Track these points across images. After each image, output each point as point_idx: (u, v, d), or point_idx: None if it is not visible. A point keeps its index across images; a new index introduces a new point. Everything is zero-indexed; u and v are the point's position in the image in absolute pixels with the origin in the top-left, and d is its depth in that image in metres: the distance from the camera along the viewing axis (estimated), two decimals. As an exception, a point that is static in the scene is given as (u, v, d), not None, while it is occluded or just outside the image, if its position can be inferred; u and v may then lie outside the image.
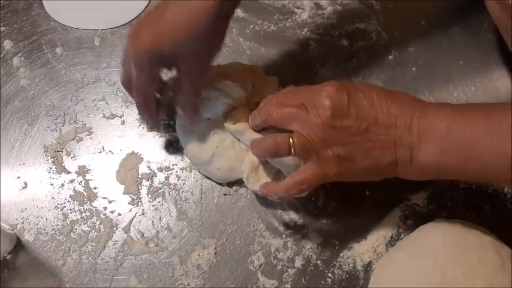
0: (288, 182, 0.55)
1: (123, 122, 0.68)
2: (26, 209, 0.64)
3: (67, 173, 0.66)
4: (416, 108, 0.52)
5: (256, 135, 0.58)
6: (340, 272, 0.59)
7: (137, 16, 0.75)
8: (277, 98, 0.58)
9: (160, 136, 0.67)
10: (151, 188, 0.64)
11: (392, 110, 0.52)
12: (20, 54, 0.73)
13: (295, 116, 0.53)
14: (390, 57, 0.70)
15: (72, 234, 0.62)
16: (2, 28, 0.75)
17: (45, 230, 0.63)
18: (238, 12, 0.74)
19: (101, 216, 0.63)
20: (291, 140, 0.53)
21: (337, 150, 0.52)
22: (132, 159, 0.66)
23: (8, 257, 0.61)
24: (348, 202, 0.62)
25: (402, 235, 0.60)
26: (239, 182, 0.63)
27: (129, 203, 0.64)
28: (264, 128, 0.58)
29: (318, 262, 0.59)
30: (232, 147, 0.61)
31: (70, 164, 0.66)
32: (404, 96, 0.54)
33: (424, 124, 0.51)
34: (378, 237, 0.60)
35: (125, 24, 0.74)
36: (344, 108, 0.52)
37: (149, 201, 0.64)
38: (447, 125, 0.51)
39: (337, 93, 0.52)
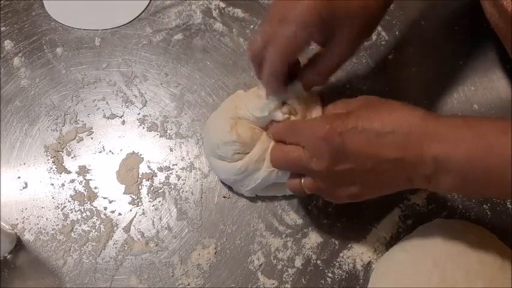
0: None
1: (123, 122, 0.68)
2: (26, 208, 0.64)
3: (67, 173, 0.66)
4: (425, 131, 0.46)
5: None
6: (340, 271, 0.59)
7: (137, 16, 0.75)
8: (277, 143, 0.56)
9: (160, 136, 0.67)
10: (152, 188, 0.64)
11: (397, 143, 0.47)
12: (20, 54, 0.73)
13: (299, 165, 0.52)
14: (390, 57, 0.70)
15: (72, 234, 0.62)
16: (2, 28, 0.75)
17: (45, 229, 0.63)
18: (238, 12, 0.74)
19: (101, 216, 0.63)
20: (302, 182, 0.54)
21: (348, 190, 0.51)
22: (133, 159, 0.66)
23: (9, 256, 0.62)
24: (348, 202, 0.62)
25: (402, 235, 0.60)
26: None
27: (130, 203, 0.64)
28: None
29: (318, 262, 0.59)
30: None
31: (70, 164, 0.66)
32: (408, 117, 0.47)
33: (439, 151, 0.45)
34: (377, 237, 0.60)
35: (125, 24, 0.74)
36: (341, 152, 0.48)
37: (149, 201, 0.64)
38: (468, 153, 0.44)
39: (331, 137, 0.48)
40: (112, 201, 0.64)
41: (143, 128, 0.68)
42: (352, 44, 0.54)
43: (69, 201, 0.64)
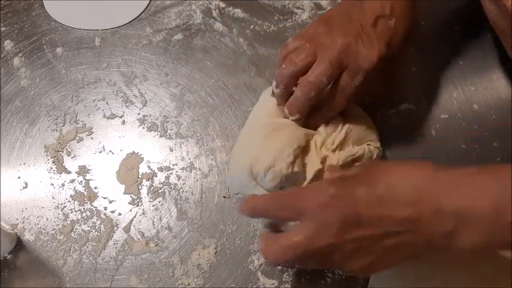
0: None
1: (123, 122, 0.68)
2: (26, 208, 0.64)
3: (67, 173, 0.66)
4: (441, 182, 0.43)
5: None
6: (340, 272, 0.59)
7: (137, 16, 0.75)
8: (264, 235, 0.50)
9: (160, 136, 0.67)
10: (152, 188, 0.64)
11: (410, 199, 0.43)
12: (20, 54, 0.73)
13: (303, 252, 0.45)
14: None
15: (72, 234, 0.62)
16: (2, 28, 0.75)
17: (45, 229, 0.63)
18: (238, 12, 0.74)
19: (102, 216, 0.63)
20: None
21: (361, 261, 0.45)
22: (133, 159, 0.66)
23: (9, 256, 0.62)
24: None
25: (402, 235, 0.60)
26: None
27: (130, 203, 0.64)
28: None
29: (318, 262, 0.59)
30: None
31: (70, 164, 0.66)
32: (419, 169, 0.44)
33: (460, 203, 0.42)
34: (377, 237, 0.60)
35: (125, 24, 0.74)
36: (351, 216, 0.44)
37: (149, 201, 0.64)
38: (494, 202, 0.41)
39: (339, 201, 0.44)
40: (112, 201, 0.64)
41: (143, 128, 0.68)
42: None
43: (69, 201, 0.64)
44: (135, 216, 0.63)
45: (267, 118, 0.57)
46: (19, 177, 0.66)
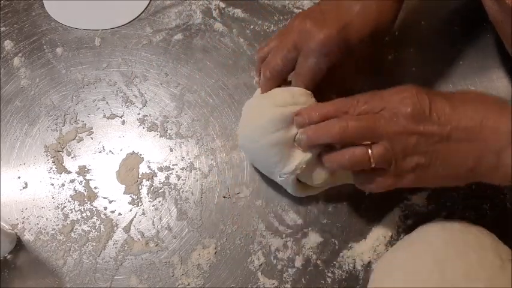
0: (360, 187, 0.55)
1: (123, 122, 0.68)
2: (26, 208, 0.64)
3: (67, 173, 0.66)
4: (502, 107, 0.48)
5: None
6: (340, 271, 0.59)
7: (137, 16, 0.75)
8: (346, 107, 0.52)
9: (160, 136, 0.67)
10: (152, 188, 0.64)
11: (477, 112, 0.48)
12: (20, 54, 0.73)
13: (375, 128, 0.49)
14: (390, 57, 0.70)
15: (72, 234, 0.62)
16: (2, 28, 0.75)
17: (45, 229, 0.63)
18: (238, 12, 0.74)
19: (101, 216, 0.63)
20: (369, 152, 0.50)
21: (418, 159, 0.49)
22: (133, 159, 0.66)
23: (9, 256, 0.62)
24: (348, 202, 0.62)
25: (402, 235, 0.60)
26: (240, 185, 0.64)
27: (130, 203, 0.64)
28: None
29: (318, 262, 0.59)
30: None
31: (70, 164, 0.66)
32: (485, 96, 0.51)
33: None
34: (377, 237, 0.60)
35: (125, 24, 0.74)
36: (426, 112, 0.48)
37: (149, 201, 0.64)
38: None
39: (417, 97, 0.49)
40: (112, 201, 0.64)
41: (143, 128, 0.68)
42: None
43: (69, 201, 0.64)
44: (135, 216, 0.63)
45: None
46: (19, 177, 0.66)
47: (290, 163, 0.56)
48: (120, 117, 0.69)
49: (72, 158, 0.67)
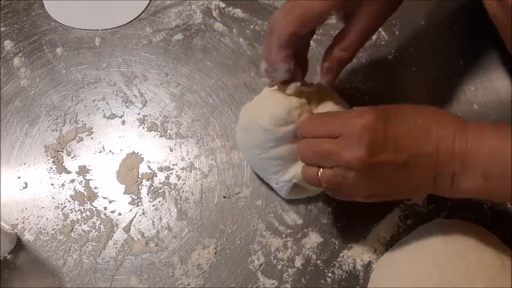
0: None
1: (123, 122, 0.68)
2: (26, 208, 0.64)
3: (67, 173, 0.66)
4: (457, 129, 0.48)
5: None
6: (340, 271, 0.59)
7: (137, 16, 0.75)
8: (310, 130, 0.53)
9: (160, 136, 0.67)
10: (152, 188, 0.64)
11: (433, 135, 0.48)
12: (20, 54, 0.73)
13: (329, 156, 0.49)
14: (390, 57, 0.70)
15: (72, 234, 0.62)
16: (2, 28, 0.75)
17: (45, 229, 0.63)
18: (238, 12, 0.74)
19: (101, 216, 0.63)
20: (319, 174, 0.51)
21: (372, 190, 0.50)
22: (133, 159, 0.66)
23: (9, 256, 0.62)
24: (348, 202, 0.62)
25: (402, 235, 0.60)
26: (240, 185, 0.64)
27: (130, 203, 0.64)
28: None
29: (318, 262, 0.59)
30: None
31: (70, 164, 0.66)
32: (443, 115, 0.50)
33: (467, 149, 0.47)
34: (377, 237, 0.60)
35: (125, 24, 0.74)
36: (381, 140, 0.47)
37: (149, 201, 0.64)
38: (491, 151, 0.46)
39: (375, 125, 0.47)
40: (112, 201, 0.64)
41: (143, 128, 0.68)
42: (382, 15, 0.55)
43: (69, 201, 0.64)
44: (135, 216, 0.63)
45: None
46: (19, 177, 0.66)
47: (288, 173, 0.57)
48: (120, 117, 0.69)
49: (72, 158, 0.67)
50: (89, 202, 0.64)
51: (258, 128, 0.56)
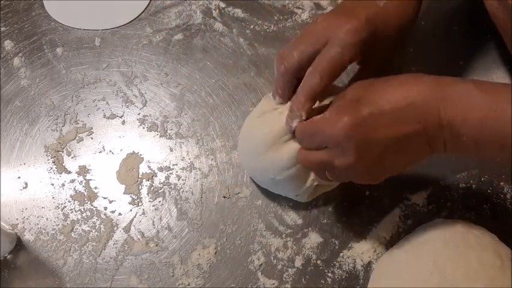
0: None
1: (123, 122, 0.68)
2: (26, 208, 0.64)
3: (67, 173, 0.66)
4: (440, 97, 0.47)
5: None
6: (340, 271, 0.59)
7: (137, 16, 0.75)
8: (302, 143, 0.54)
9: (160, 136, 0.67)
10: (152, 188, 0.64)
11: (416, 115, 0.47)
12: (20, 54, 0.73)
13: (326, 165, 0.51)
14: (390, 57, 0.70)
15: (72, 234, 0.62)
16: (2, 28, 0.75)
17: (45, 229, 0.63)
18: (238, 12, 0.74)
19: (102, 216, 0.63)
20: (327, 175, 0.53)
21: (377, 172, 0.51)
22: (133, 159, 0.66)
23: (9, 256, 0.62)
24: (348, 202, 0.62)
25: (402, 235, 0.60)
26: (240, 185, 0.64)
27: (130, 203, 0.64)
28: None
29: (318, 262, 0.59)
30: None
31: (70, 164, 0.66)
32: (420, 86, 0.48)
33: (454, 116, 0.46)
34: (377, 237, 0.60)
35: (125, 24, 0.74)
36: (365, 143, 0.48)
37: (149, 201, 0.64)
38: (481, 118, 0.46)
39: (352, 131, 0.47)
40: (112, 201, 0.64)
41: (143, 128, 0.68)
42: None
43: (69, 201, 0.64)
44: (135, 216, 0.63)
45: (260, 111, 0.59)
46: (19, 177, 0.66)
47: (306, 184, 0.57)
48: (120, 117, 0.69)
49: (72, 158, 0.67)
50: (89, 202, 0.64)
51: (269, 146, 0.56)
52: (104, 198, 0.64)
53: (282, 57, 0.55)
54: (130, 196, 0.64)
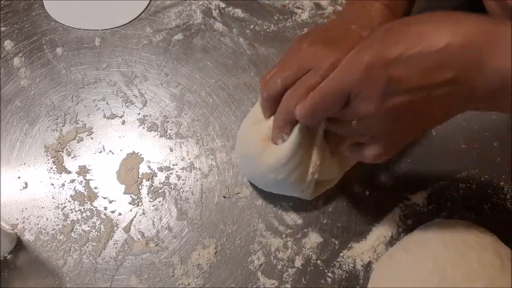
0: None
1: (123, 122, 0.68)
2: (26, 208, 0.64)
3: (67, 173, 0.66)
4: (486, 39, 0.40)
5: None
6: (340, 271, 0.59)
7: (137, 16, 0.75)
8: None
9: (160, 136, 0.67)
10: (152, 188, 0.64)
11: (451, 59, 0.40)
12: (20, 54, 0.73)
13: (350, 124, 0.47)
14: (390, 57, 0.70)
15: (72, 234, 0.62)
16: (2, 28, 0.75)
17: (45, 229, 0.63)
18: (238, 12, 0.74)
19: (102, 216, 0.63)
20: (365, 152, 0.48)
21: (403, 126, 0.45)
22: (133, 159, 0.66)
23: (9, 256, 0.62)
24: (348, 202, 0.62)
25: (402, 235, 0.60)
26: (240, 185, 0.64)
27: (130, 203, 0.64)
28: None
29: (318, 262, 0.59)
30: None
31: (70, 164, 0.66)
32: (462, 24, 0.41)
33: (506, 63, 0.39)
34: (377, 237, 0.60)
35: (125, 24, 0.74)
36: (389, 87, 0.42)
37: (149, 201, 0.64)
38: None
39: (375, 72, 0.42)
40: (112, 201, 0.64)
41: (143, 128, 0.68)
42: None
43: (69, 201, 0.64)
44: (135, 216, 0.63)
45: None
46: (19, 177, 0.66)
47: (308, 173, 0.56)
48: (120, 117, 0.69)
49: (72, 158, 0.67)
50: (89, 202, 0.64)
51: (265, 153, 0.56)
52: (104, 198, 0.64)
53: (265, 84, 0.54)
54: (130, 196, 0.64)
